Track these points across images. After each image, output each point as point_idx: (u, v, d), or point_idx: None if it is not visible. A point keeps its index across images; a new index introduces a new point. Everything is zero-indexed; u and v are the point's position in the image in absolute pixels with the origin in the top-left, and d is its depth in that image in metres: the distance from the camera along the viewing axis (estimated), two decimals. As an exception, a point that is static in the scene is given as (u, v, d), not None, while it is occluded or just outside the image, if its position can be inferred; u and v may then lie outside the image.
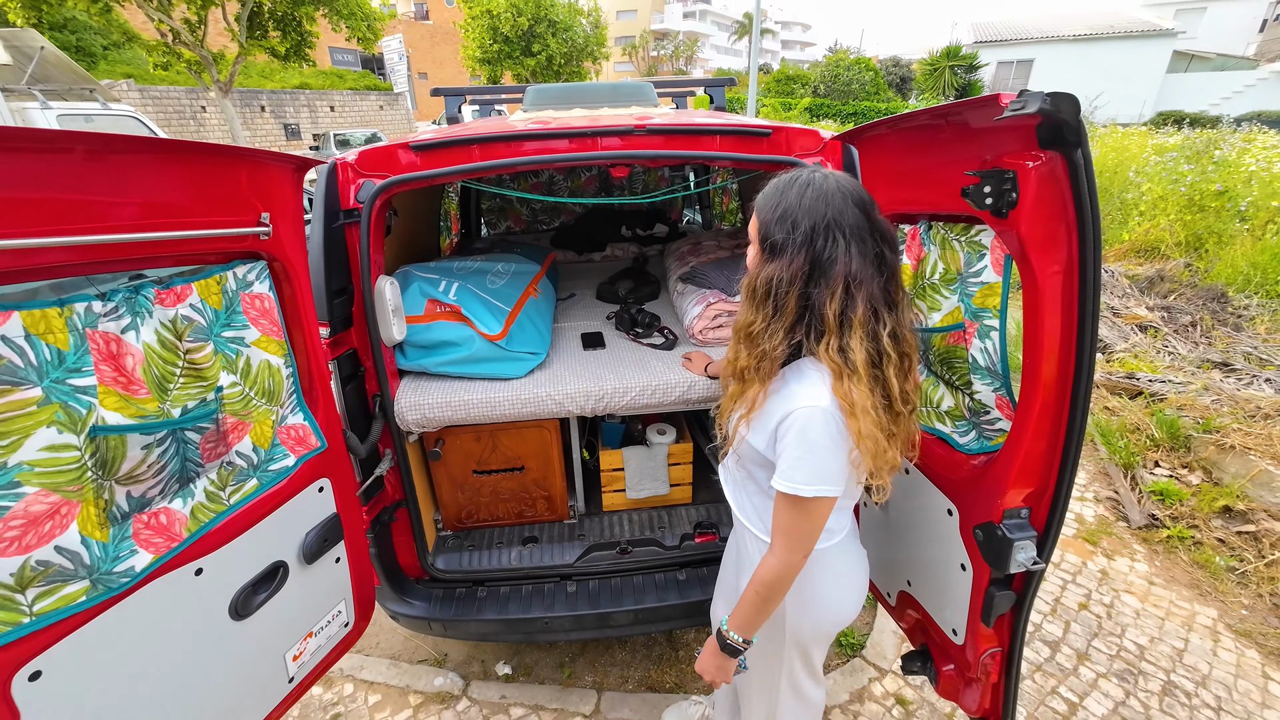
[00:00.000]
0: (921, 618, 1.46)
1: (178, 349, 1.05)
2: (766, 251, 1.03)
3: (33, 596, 0.87)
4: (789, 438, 1.01)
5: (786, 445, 1.01)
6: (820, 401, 0.98)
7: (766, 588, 1.08)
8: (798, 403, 1.00)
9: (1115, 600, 2.42)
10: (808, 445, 0.99)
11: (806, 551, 1.06)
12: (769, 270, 1.01)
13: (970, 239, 1.14)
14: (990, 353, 1.14)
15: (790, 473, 1.01)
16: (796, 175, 1.03)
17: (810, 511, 1.02)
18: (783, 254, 1.00)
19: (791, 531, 1.04)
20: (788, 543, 1.05)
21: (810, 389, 1.00)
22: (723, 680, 1.21)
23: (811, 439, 0.99)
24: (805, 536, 1.04)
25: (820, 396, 0.99)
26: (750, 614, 1.12)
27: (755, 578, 1.09)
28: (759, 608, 1.11)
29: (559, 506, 2.10)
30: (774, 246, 1.01)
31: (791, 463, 1.01)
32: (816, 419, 0.98)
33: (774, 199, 1.03)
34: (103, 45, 17.96)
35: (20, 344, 0.83)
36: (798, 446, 1.00)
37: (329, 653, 1.51)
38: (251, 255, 1.19)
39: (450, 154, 1.54)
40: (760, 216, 1.05)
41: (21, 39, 6.50)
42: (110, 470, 0.97)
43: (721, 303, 2.01)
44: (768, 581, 1.08)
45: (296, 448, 1.33)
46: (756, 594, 1.09)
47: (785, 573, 1.06)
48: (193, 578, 1.11)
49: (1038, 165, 0.89)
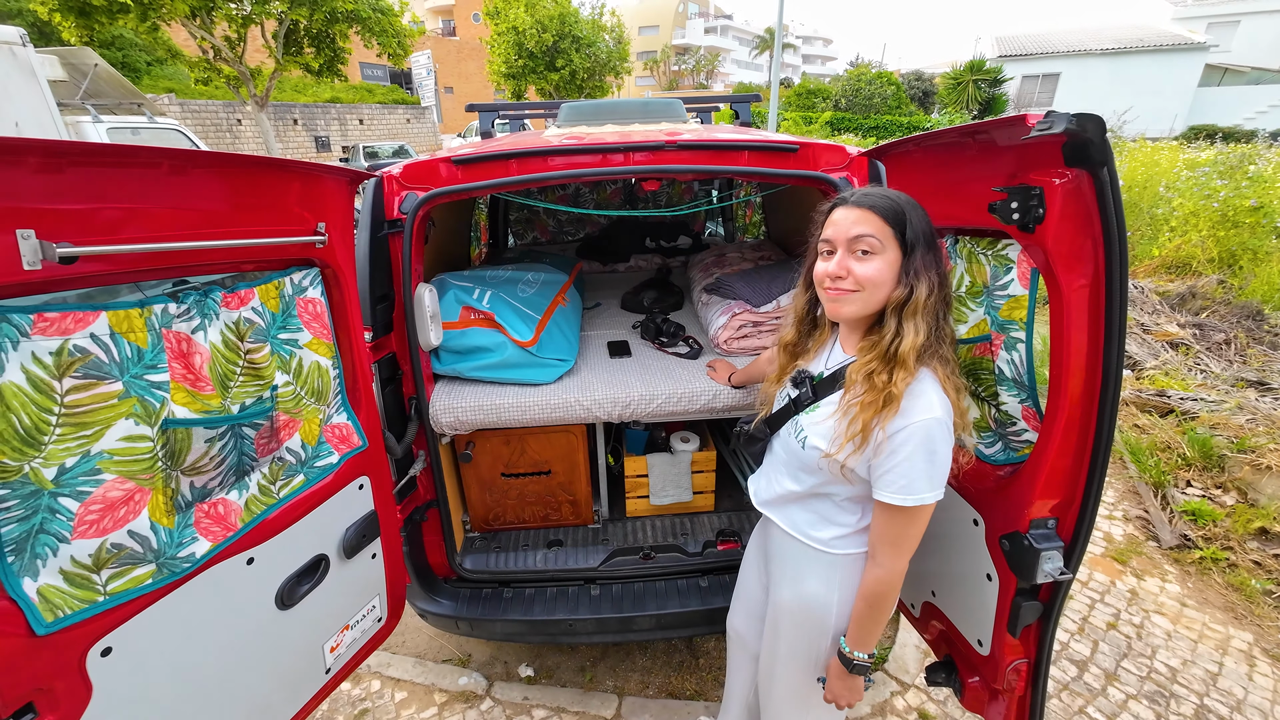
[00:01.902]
0: (946, 629, 1.46)
1: (239, 349, 1.12)
2: (929, 254, 1.03)
3: (106, 577, 0.94)
4: (907, 450, 1.00)
5: (904, 458, 1.01)
6: (935, 412, 1.00)
7: (878, 598, 1.11)
8: (915, 416, 1.00)
9: (1145, 621, 2.37)
10: (931, 456, 1.00)
11: (911, 554, 1.08)
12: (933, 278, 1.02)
13: (997, 253, 1.16)
14: (1017, 364, 1.16)
15: (912, 485, 1.01)
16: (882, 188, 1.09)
17: (922, 518, 1.05)
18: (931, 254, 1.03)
19: (901, 541, 1.07)
20: (896, 552, 1.07)
21: (923, 400, 1.01)
22: (856, 700, 1.23)
23: (934, 449, 1.00)
24: (914, 542, 1.07)
25: (934, 406, 1.00)
26: (868, 628, 1.15)
27: (864, 592, 1.12)
28: (874, 618, 1.14)
29: (584, 511, 2.14)
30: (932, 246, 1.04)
31: (913, 475, 1.01)
32: (936, 430, 1.00)
33: (909, 203, 1.05)
34: (146, 61, 18.78)
35: (106, 341, 0.91)
36: (922, 459, 1.00)
37: (363, 646, 1.56)
38: (307, 262, 1.26)
39: (490, 168, 1.61)
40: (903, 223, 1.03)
41: (77, 57, 6.86)
42: (177, 461, 1.04)
43: (747, 313, 2.05)
44: (879, 593, 1.11)
45: (340, 446, 1.39)
46: (869, 606, 1.12)
47: (895, 580, 1.09)
48: (244, 566, 1.17)
49: (1064, 182, 0.91)
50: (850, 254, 1.05)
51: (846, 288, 1.05)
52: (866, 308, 1.06)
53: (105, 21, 10.70)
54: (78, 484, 0.88)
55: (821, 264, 1.09)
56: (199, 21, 11.95)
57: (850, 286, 1.05)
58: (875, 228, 1.02)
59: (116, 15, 10.56)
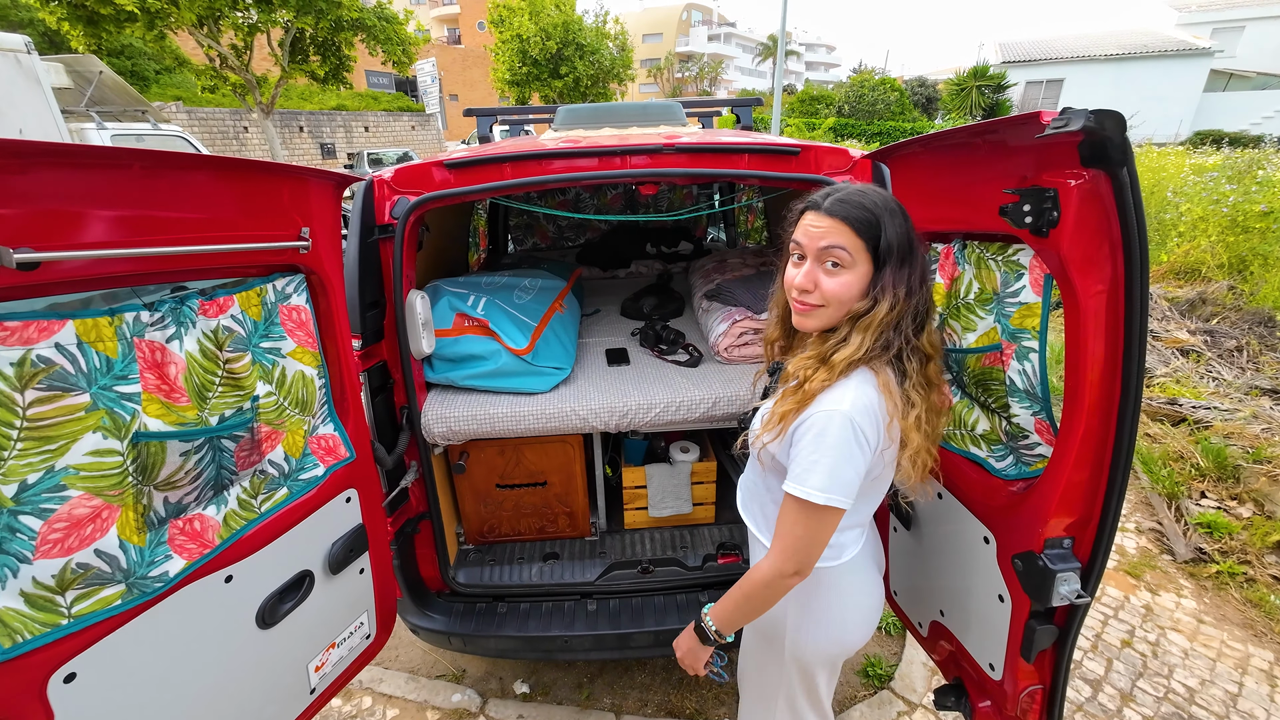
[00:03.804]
0: (955, 650, 1.40)
1: (218, 358, 1.08)
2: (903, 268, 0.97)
3: (71, 598, 0.89)
4: (805, 440, 0.97)
5: (802, 448, 0.97)
6: (840, 405, 0.95)
7: (752, 587, 1.06)
8: (818, 406, 0.97)
9: (1161, 638, 2.30)
10: (824, 449, 0.95)
11: (802, 564, 1.00)
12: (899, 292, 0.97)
13: (1007, 258, 1.11)
14: (1029, 375, 1.11)
15: (804, 476, 0.96)
16: (863, 189, 1.01)
17: (817, 521, 0.97)
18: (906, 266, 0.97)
19: (791, 539, 0.99)
20: (784, 550, 1.00)
21: (835, 391, 0.97)
22: (691, 666, 1.20)
23: (829, 443, 0.94)
24: (806, 547, 0.99)
25: (841, 400, 0.96)
26: (730, 608, 1.10)
27: (746, 575, 1.08)
28: (739, 605, 1.09)
29: (580, 523, 2.09)
30: (908, 258, 0.98)
31: (806, 466, 0.96)
32: (835, 422, 0.94)
33: (889, 210, 0.97)
34: (155, 70, 18.95)
35: (72, 351, 0.87)
36: (814, 450, 0.96)
37: (350, 664, 1.51)
38: (290, 268, 1.22)
39: (483, 172, 1.57)
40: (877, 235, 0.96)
41: (82, 64, 6.91)
42: (150, 476, 0.99)
43: (748, 320, 2.00)
44: (755, 582, 1.05)
45: (326, 458, 1.35)
46: (741, 591, 1.08)
47: (774, 581, 1.02)
48: (223, 585, 1.12)
49: (1080, 184, 0.87)
50: (819, 265, 1.00)
51: (813, 302, 1.01)
52: (832, 321, 1.03)
53: (113, 30, 10.79)
54: (40, 501, 0.84)
55: (791, 269, 1.05)
56: (206, 30, 12.05)
57: (816, 301, 1.01)
58: (846, 240, 0.96)
59: (124, 24, 10.65)
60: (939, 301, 1.32)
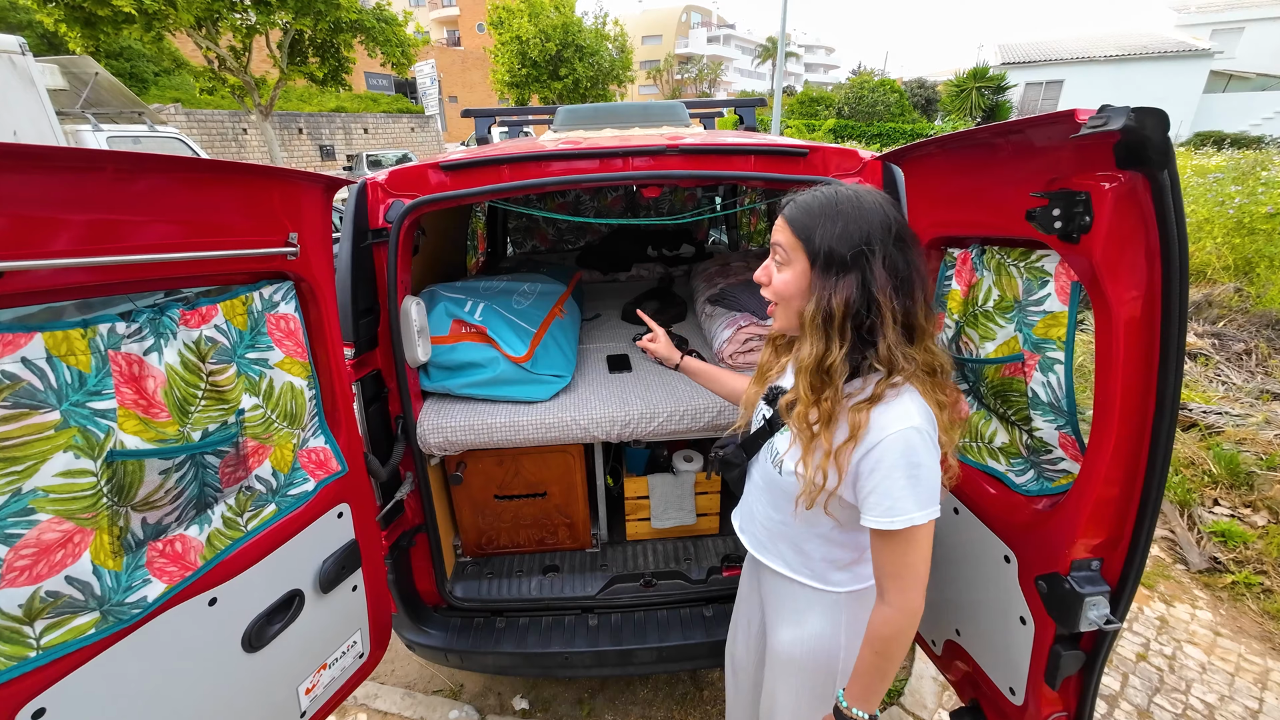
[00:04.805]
0: (972, 671, 1.35)
1: (200, 371, 1.03)
2: (831, 272, 0.93)
3: (40, 629, 0.84)
4: (884, 467, 0.91)
5: (883, 477, 0.91)
6: (913, 420, 0.90)
7: (885, 642, 0.96)
8: (888, 429, 0.91)
9: (1177, 651, 2.24)
10: (913, 470, 0.90)
11: (923, 588, 0.95)
12: (844, 292, 0.91)
13: (1030, 265, 1.06)
14: (1054, 387, 1.05)
15: (898, 505, 0.90)
16: (835, 189, 0.98)
17: (921, 541, 0.93)
18: (854, 269, 0.91)
19: (906, 572, 0.94)
20: (904, 585, 0.94)
21: (894, 410, 0.92)
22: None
23: (916, 461, 0.90)
24: (921, 571, 0.94)
25: (909, 415, 0.91)
26: (874, 680, 1.00)
27: (870, 635, 0.98)
28: (883, 671, 0.98)
29: (581, 534, 2.04)
30: (844, 263, 0.92)
31: (897, 495, 0.90)
32: (915, 440, 0.90)
33: (827, 213, 0.93)
34: (154, 72, 18.91)
35: (41, 366, 0.81)
36: (902, 475, 0.90)
37: (343, 685, 1.46)
38: (278, 275, 1.17)
39: (480, 174, 1.52)
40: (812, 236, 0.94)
41: (78, 65, 6.85)
42: (127, 496, 0.94)
43: (753, 326, 1.95)
44: (887, 636, 0.96)
45: (317, 471, 1.29)
46: (877, 654, 0.98)
47: (905, 622, 0.94)
48: (206, 608, 1.07)
49: (1115, 186, 0.81)
50: (773, 260, 1.02)
51: (768, 296, 1.03)
52: (789, 321, 1.02)
53: (110, 32, 10.74)
54: (6, 527, 0.79)
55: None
56: (204, 32, 12.01)
57: (770, 295, 1.03)
58: (785, 238, 0.98)
59: (121, 25, 10.61)
60: (955, 309, 1.27)
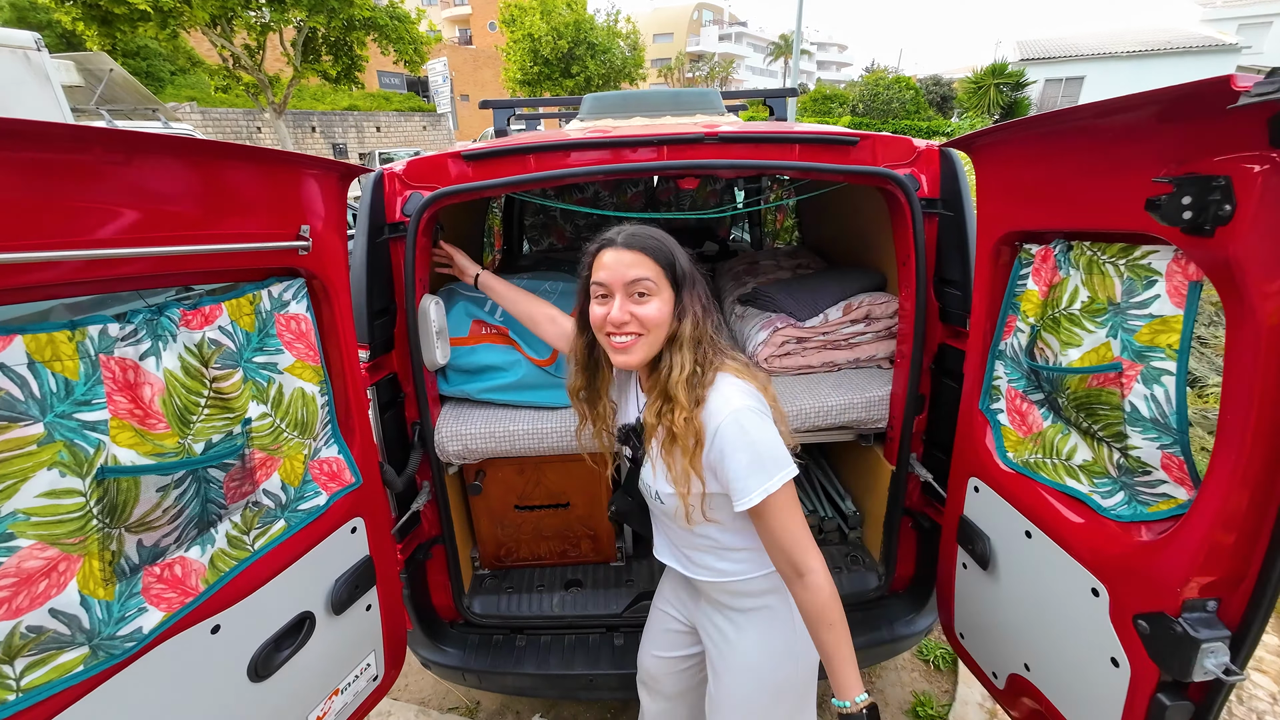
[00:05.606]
0: (1045, 711, 1.22)
1: (203, 377, 0.93)
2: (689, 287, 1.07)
3: (21, 669, 0.74)
4: (728, 456, 0.99)
5: (731, 463, 0.99)
6: (732, 403, 1.01)
7: (825, 612, 0.98)
8: (714, 420, 1.01)
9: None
10: (750, 446, 0.98)
11: (814, 543, 1.01)
12: (697, 310, 1.07)
13: (1133, 262, 0.94)
14: (1160, 402, 0.93)
15: (751, 482, 0.98)
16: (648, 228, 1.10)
17: (786, 502, 0.99)
18: (695, 287, 1.08)
19: (788, 538, 0.99)
20: (799, 552, 0.99)
21: (714, 403, 1.02)
22: None
23: (751, 439, 0.98)
24: (803, 530, 1.00)
25: (728, 400, 1.01)
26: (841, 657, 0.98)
27: (810, 619, 0.99)
28: (836, 640, 0.98)
29: (605, 547, 1.93)
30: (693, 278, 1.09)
31: (746, 474, 0.98)
32: (742, 419, 0.99)
33: (663, 239, 1.08)
34: (170, 70, 19.07)
35: (21, 373, 0.72)
36: (744, 454, 0.98)
37: (355, 710, 1.36)
38: (288, 272, 1.07)
39: (505, 164, 1.41)
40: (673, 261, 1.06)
41: (93, 62, 6.85)
42: (120, 517, 0.84)
43: (790, 328, 1.83)
44: (822, 605, 0.98)
45: (329, 484, 1.20)
46: (828, 627, 0.98)
47: (825, 580, 0.98)
48: (208, 636, 0.97)
49: (1266, 170, 0.69)
50: (629, 298, 1.04)
51: (632, 331, 1.05)
52: (652, 350, 1.07)
53: (127, 30, 10.82)
54: (-20, 555, 0.69)
55: (598, 308, 1.07)
56: (219, 30, 12.05)
57: (635, 329, 1.05)
58: (649, 270, 1.04)
59: (137, 24, 10.67)
60: (1031, 311, 1.14)
